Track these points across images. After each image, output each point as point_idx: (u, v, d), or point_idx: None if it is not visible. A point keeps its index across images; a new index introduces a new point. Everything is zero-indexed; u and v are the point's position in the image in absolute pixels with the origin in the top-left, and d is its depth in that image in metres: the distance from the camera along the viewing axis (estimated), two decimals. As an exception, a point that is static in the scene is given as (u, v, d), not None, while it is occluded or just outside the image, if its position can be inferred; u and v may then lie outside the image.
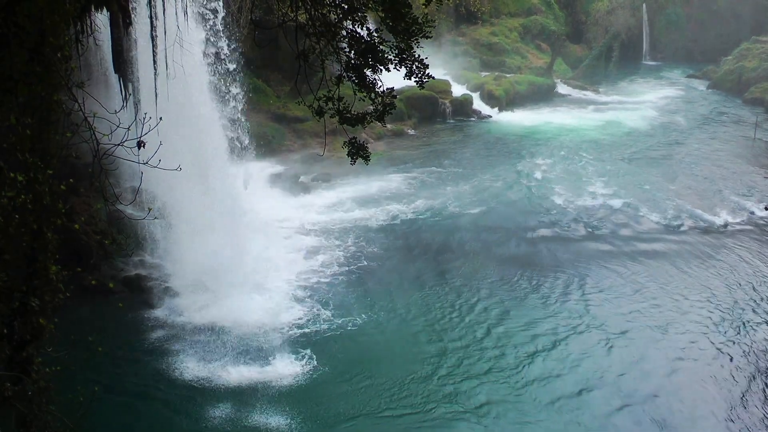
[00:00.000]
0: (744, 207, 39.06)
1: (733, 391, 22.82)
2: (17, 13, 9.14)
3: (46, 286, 11.38)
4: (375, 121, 12.14)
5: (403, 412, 21.47)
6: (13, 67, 9.14)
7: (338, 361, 23.80)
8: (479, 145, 50.12)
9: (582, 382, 23.00)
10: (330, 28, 11.76)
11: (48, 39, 10.06)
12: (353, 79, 11.93)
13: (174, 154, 13.43)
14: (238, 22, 35.60)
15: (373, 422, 21.04)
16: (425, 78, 11.87)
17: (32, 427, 11.04)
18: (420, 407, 21.64)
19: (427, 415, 21.33)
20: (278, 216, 34.32)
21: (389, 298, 28.17)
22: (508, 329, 26.13)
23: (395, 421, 21.09)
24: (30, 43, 9.67)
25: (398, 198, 38.90)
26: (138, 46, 23.54)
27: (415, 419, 21.18)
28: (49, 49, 10.18)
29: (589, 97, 67.10)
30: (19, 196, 10.56)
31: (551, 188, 41.24)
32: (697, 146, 52.08)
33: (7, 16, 8.99)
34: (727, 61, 74.90)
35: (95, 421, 18.95)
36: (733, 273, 31.05)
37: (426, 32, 11.50)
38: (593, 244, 34.16)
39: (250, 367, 23.25)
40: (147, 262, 28.40)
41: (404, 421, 21.10)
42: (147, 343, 24.68)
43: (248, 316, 25.69)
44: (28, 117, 10.46)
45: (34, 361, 11.37)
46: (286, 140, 44.38)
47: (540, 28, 76.97)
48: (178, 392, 22.09)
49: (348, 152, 12.51)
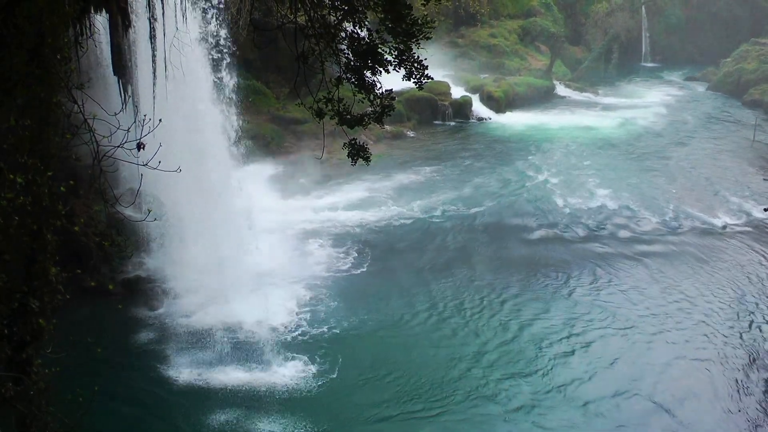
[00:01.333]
0: (743, 208, 39.11)
1: (744, 391, 22.87)
2: (16, 14, 9.15)
3: (45, 287, 11.39)
4: (374, 123, 12.15)
5: (410, 414, 21.48)
6: (12, 69, 9.15)
7: (340, 363, 23.77)
8: (479, 147, 50.12)
9: (605, 384, 23.09)
10: (329, 30, 11.78)
11: (47, 40, 10.07)
12: (352, 81, 11.94)
13: (173, 156, 13.44)
14: (237, 24, 35.60)
15: (373, 427, 21.01)
16: (424, 79, 11.88)
17: (32, 428, 11.05)
18: (427, 410, 21.64)
19: (436, 419, 21.34)
20: (277, 217, 34.30)
21: (390, 299, 28.18)
22: (515, 329, 26.18)
23: (398, 425, 21.08)
24: (29, 44, 9.68)
25: (398, 199, 38.90)
26: (137, 48, 23.54)
27: (421, 422, 21.20)
28: (49, 51, 10.19)
29: (589, 99, 67.12)
30: (18, 198, 10.56)
31: (551, 189, 41.26)
32: (697, 148, 52.12)
33: (6, 17, 9.00)
34: (727, 63, 74.97)
35: (94, 422, 18.95)
36: (733, 274, 31.09)
37: (426, 33, 11.51)
38: (593, 245, 34.17)
39: (250, 368, 23.25)
40: (146, 263, 28.38)
41: (409, 425, 21.11)
42: (146, 344, 24.68)
43: (248, 318, 25.68)
44: (27, 118, 10.46)
45: (34, 362, 11.38)
46: (285, 142, 44.36)
47: (539, 29, 76.96)
48: (177, 394, 22.08)
49: (348, 153, 12.53)
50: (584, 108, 63.51)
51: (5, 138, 10.31)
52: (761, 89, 66.08)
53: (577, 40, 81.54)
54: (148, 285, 27.40)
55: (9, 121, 10.07)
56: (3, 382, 10.53)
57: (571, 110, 62.50)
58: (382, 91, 11.98)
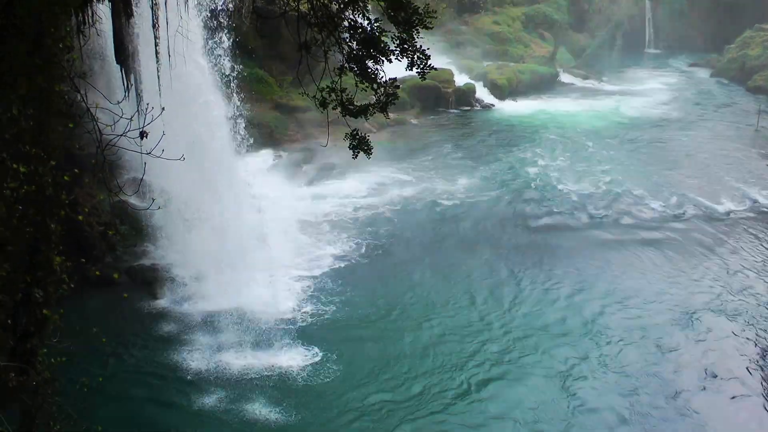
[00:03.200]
0: (747, 195, 39.09)
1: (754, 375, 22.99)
2: (17, 3, 9.12)
3: (50, 277, 11.37)
4: (379, 112, 12.06)
5: (411, 404, 21.45)
6: (14, 58, 9.13)
7: (347, 350, 23.76)
8: (483, 134, 50.07)
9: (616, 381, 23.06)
10: (332, 19, 11.72)
11: (49, 30, 10.03)
12: (355, 70, 11.87)
13: (177, 144, 13.41)
14: (240, 12, 35.50)
15: (379, 416, 20.99)
16: (427, 69, 11.78)
17: (37, 419, 11.07)
18: (431, 401, 21.62)
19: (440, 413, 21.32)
20: (282, 206, 34.26)
21: (396, 287, 28.19)
22: (521, 317, 26.20)
23: (401, 414, 21.07)
24: (31, 33, 9.64)
25: (401, 187, 38.88)
26: (140, 37, 23.48)
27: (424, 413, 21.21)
28: (50, 40, 10.16)
29: (592, 86, 67.03)
30: (21, 188, 10.54)
31: (555, 176, 41.22)
32: (701, 134, 52.03)
33: (7, 6, 8.97)
34: (731, 49, 74.72)
35: (99, 412, 19.02)
36: (737, 260, 31.12)
37: (426, 23, 11.43)
38: (597, 231, 34.19)
39: (255, 357, 23.25)
40: (150, 252, 28.41)
41: (412, 415, 21.10)
42: (151, 333, 24.70)
43: (253, 306, 25.68)
44: (29, 108, 10.44)
45: (39, 352, 11.38)
46: (288, 130, 44.27)
47: (543, 17, 76.75)
48: (182, 383, 22.10)
49: (349, 145, 12.38)
50: (588, 95, 63.40)
51: (8, 128, 10.29)
52: (765, 75, 65.91)
53: (580, 27, 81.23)
54: (152, 274, 27.42)
55: (11, 110, 10.04)
56: (7, 372, 10.54)
57: (574, 97, 62.40)
58: (385, 80, 11.90)
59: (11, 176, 10.40)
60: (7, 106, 9.87)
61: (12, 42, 8.99)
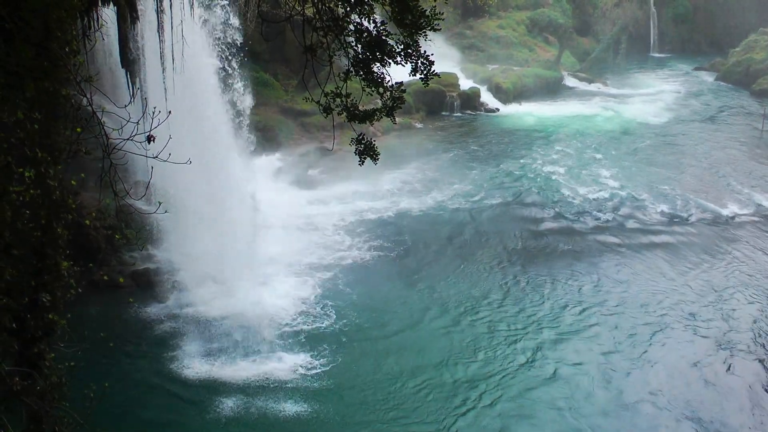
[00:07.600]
0: (752, 198, 39.05)
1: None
2: (23, 7, 9.11)
3: (57, 281, 11.36)
4: (385, 117, 11.97)
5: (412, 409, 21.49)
6: (20, 62, 9.11)
7: (347, 354, 23.83)
8: (487, 138, 50.04)
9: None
10: (337, 23, 11.68)
11: (55, 34, 10.03)
12: (361, 74, 11.81)
13: (182, 148, 13.41)
14: (245, 16, 35.56)
15: (379, 418, 21.02)
16: (430, 75, 11.66)
17: (44, 423, 11.04)
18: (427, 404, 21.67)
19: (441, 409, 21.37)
20: (287, 209, 34.30)
21: (398, 290, 28.21)
22: (524, 321, 26.20)
23: (401, 420, 21.08)
24: (36, 37, 9.64)
25: (406, 191, 38.88)
26: (145, 41, 23.53)
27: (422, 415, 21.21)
28: (56, 44, 10.15)
29: (597, 90, 66.95)
30: (28, 191, 10.54)
31: (559, 180, 41.16)
32: (705, 138, 51.95)
33: (13, 10, 8.97)
34: (735, 52, 74.59)
35: (106, 416, 19.01)
36: (742, 263, 31.07)
37: (434, 25, 11.37)
38: (601, 235, 34.14)
39: (259, 361, 23.29)
40: (155, 256, 28.44)
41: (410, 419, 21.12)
42: (156, 337, 24.73)
43: (257, 310, 25.69)
44: (36, 112, 10.43)
45: (46, 356, 11.35)
46: (293, 134, 44.33)
47: (547, 20, 76.66)
48: (187, 386, 22.14)
49: (356, 151, 12.21)
50: (592, 99, 63.34)
51: (14, 132, 10.29)
52: (770, 79, 65.87)
53: (585, 31, 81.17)
54: (157, 277, 27.44)
55: (17, 114, 10.04)
56: (12, 376, 10.52)
57: (579, 101, 62.37)
58: (392, 84, 11.83)
59: (17, 180, 10.39)
60: (13, 109, 9.86)
61: (18, 45, 8.97)
